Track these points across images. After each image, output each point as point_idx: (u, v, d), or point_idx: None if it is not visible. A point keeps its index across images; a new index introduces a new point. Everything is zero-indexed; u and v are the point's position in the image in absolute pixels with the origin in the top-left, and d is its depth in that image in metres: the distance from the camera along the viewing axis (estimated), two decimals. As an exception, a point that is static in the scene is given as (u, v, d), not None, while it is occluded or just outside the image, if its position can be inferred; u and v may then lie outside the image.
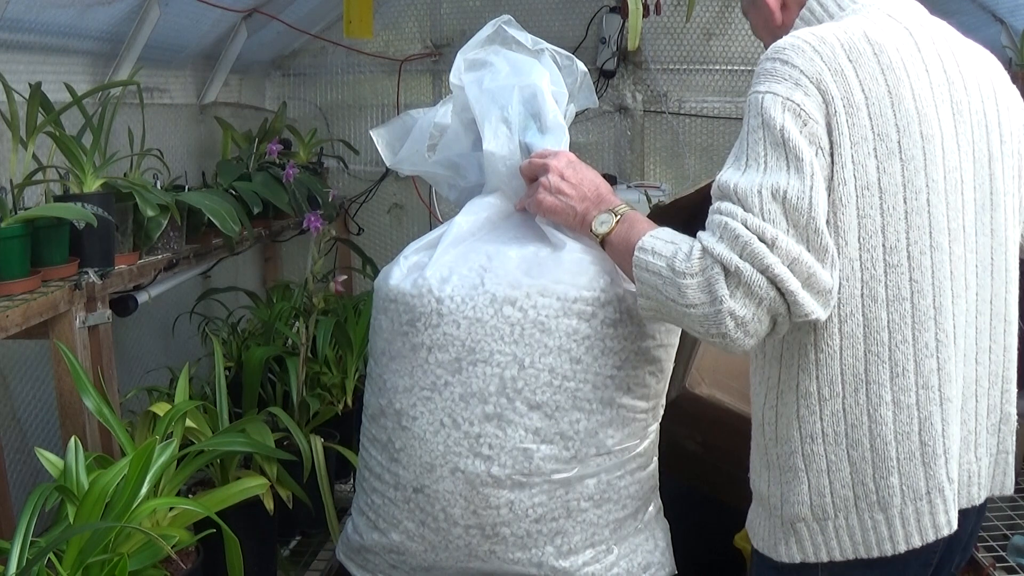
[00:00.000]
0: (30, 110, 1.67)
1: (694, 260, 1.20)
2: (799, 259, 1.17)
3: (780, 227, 1.18)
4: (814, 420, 1.27)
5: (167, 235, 1.99)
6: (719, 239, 1.19)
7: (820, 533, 1.30)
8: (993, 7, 2.76)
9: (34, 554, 1.19)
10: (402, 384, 1.42)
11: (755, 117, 1.23)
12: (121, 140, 1.99)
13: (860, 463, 1.27)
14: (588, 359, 1.40)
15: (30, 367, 1.97)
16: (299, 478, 1.89)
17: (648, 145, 3.51)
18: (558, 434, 1.39)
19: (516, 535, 1.41)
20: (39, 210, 1.58)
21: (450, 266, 1.40)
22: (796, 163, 1.19)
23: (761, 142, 1.21)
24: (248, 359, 2.12)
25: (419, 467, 1.41)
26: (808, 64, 1.23)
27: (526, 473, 1.39)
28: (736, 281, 1.18)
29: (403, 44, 3.47)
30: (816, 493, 1.29)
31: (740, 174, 1.22)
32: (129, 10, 2.14)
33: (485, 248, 1.42)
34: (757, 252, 1.16)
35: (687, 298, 1.21)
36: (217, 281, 2.78)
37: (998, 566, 2.01)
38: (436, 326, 1.38)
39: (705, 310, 1.20)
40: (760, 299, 1.17)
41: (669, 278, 1.23)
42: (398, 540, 1.46)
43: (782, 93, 1.22)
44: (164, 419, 1.61)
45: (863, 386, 1.25)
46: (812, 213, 1.18)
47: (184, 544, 1.48)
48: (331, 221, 2.72)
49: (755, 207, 1.19)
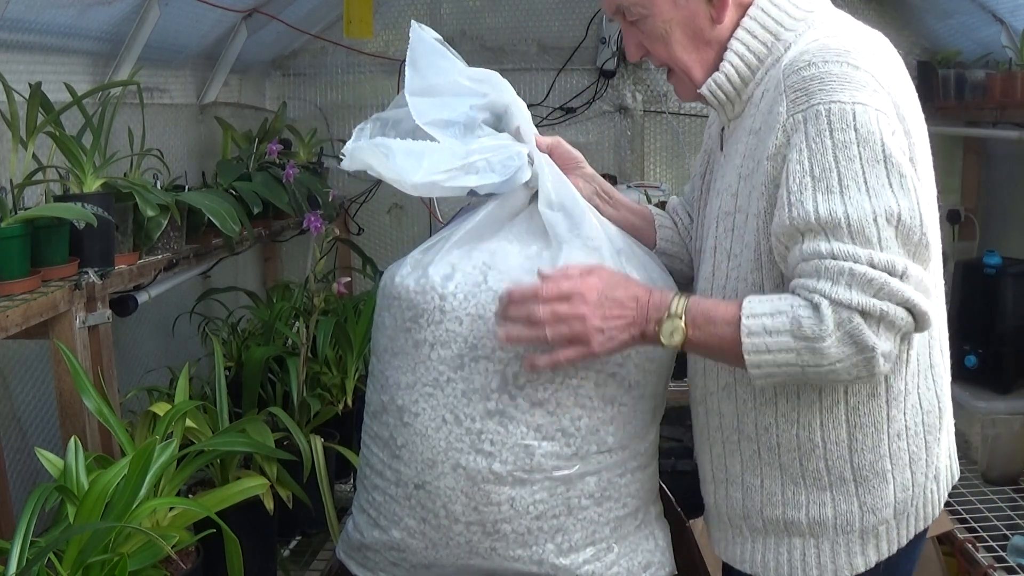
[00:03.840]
0: (30, 110, 1.67)
1: (827, 319, 1.15)
2: (922, 279, 1.17)
3: (900, 253, 1.15)
4: (901, 418, 1.30)
5: (167, 235, 1.99)
6: (848, 287, 1.14)
7: (896, 528, 1.33)
8: (993, 7, 2.76)
9: (34, 554, 1.19)
10: (404, 380, 1.42)
11: (843, 131, 1.15)
12: (121, 140, 1.99)
13: (933, 445, 1.34)
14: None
15: (30, 367, 1.97)
16: (299, 478, 1.89)
17: (648, 145, 3.51)
18: (559, 431, 1.39)
19: (517, 532, 1.40)
20: (39, 210, 1.58)
21: (453, 264, 1.40)
22: (899, 179, 1.15)
23: (857, 159, 1.15)
24: (248, 359, 2.12)
25: (420, 463, 1.40)
26: (876, 67, 1.19)
27: (527, 470, 1.38)
28: (878, 321, 1.15)
29: (403, 44, 3.42)
30: (901, 489, 1.32)
31: (842, 202, 1.15)
32: (129, 10, 2.14)
33: (488, 247, 1.42)
34: (895, 290, 1.14)
35: (830, 357, 1.17)
36: (217, 281, 2.78)
37: (998, 566, 2.01)
38: (439, 323, 1.38)
39: (854, 359, 1.17)
40: (899, 328, 1.17)
41: (804, 347, 1.17)
42: (399, 537, 1.45)
43: (871, 103, 1.15)
44: (164, 419, 1.61)
45: (928, 371, 1.32)
46: (923, 229, 1.17)
47: (184, 544, 1.48)
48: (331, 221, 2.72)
49: (874, 239, 1.14)
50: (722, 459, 1.41)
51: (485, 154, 1.37)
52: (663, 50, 1.34)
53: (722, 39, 1.31)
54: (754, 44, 1.29)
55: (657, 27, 1.32)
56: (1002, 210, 3.22)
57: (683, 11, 1.30)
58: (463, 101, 1.42)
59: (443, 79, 1.42)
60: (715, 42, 1.31)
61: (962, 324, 2.64)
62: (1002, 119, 2.73)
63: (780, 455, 1.33)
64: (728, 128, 1.40)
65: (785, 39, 1.28)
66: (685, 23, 1.31)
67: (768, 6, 1.29)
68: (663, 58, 1.36)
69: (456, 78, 1.43)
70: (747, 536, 1.40)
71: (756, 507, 1.37)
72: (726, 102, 1.35)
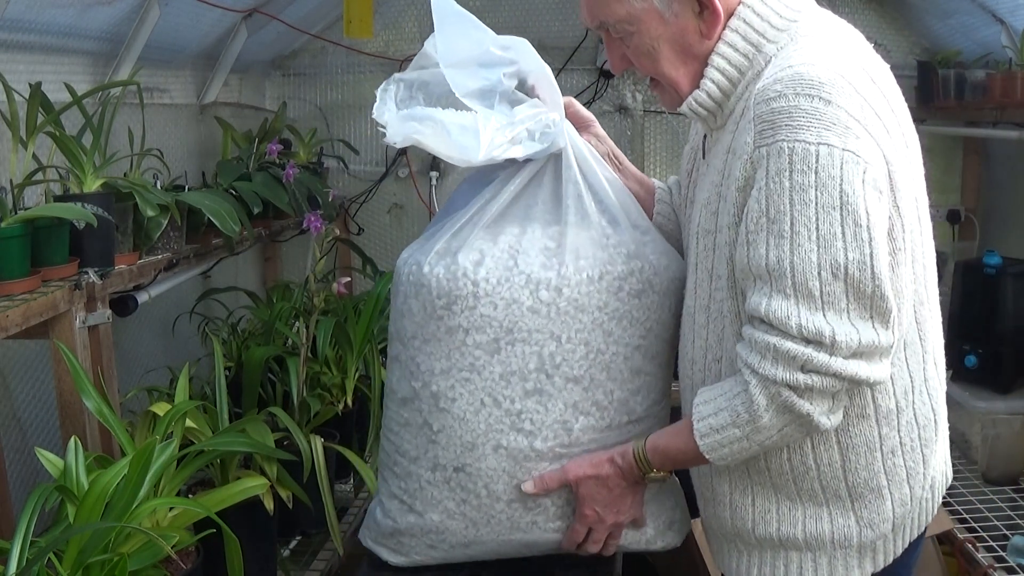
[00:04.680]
0: (30, 110, 1.67)
1: (756, 398, 1.18)
2: (860, 341, 1.14)
3: (839, 307, 1.12)
4: (894, 435, 1.28)
5: (167, 235, 1.99)
6: (774, 363, 1.15)
7: (893, 541, 1.32)
8: (993, 7, 2.76)
9: (34, 554, 1.19)
10: (439, 367, 1.44)
11: (803, 173, 1.10)
12: (121, 140, 1.99)
13: (930, 457, 1.32)
14: (618, 331, 1.43)
15: (30, 367, 1.97)
16: (299, 478, 1.89)
17: (648, 145, 3.51)
18: (594, 405, 1.44)
19: (556, 505, 1.46)
20: (39, 210, 1.58)
21: (481, 249, 1.42)
22: (854, 228, 1.11)
23: (812, 204, 1.11)
24: (248, 359, 2.12)
25: (460, 447, 1.44)
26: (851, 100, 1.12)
27: (566, 445, 1.44)
28: (805, 392, 1.16)
29: (403, 44, 3.47)
30: (899, 504, 1.30)
31: (790, 250, 1.12)
32: (129, 10, 2.14)
33: (512, 229, 1.45)
34: (820, 364, 1.14)
35: (773, 428, 1.20)
36: (217, 281, 2.78)
37: (998, 566, 2.01)
38: (472, 308, 1.40)
39: (794, 425, 1.20)
40: (835, 392, 1.17)
41: (748, 431, 1.21)
42: (437, 520, 1.49)
43: (838, 144, 1.10)
44: (164, 419, 1.61)
45: (923, 386, 1.29)
46: (876, 282, 1.13)
47: (184, 544, 1.48)
48: (331, 221, 2.72)
49: (816, 293, 1.12)
50: (708, 479, 1.41)
51: (526, 124, 1.39)
52: (649, 65, 1.32)
53: (709, 51, 1.27)
54: (736, 57, 1.25)
55: (644, 44, 1.28)
56: (1002, 210, 3.22)
57: (672, 28, 1.26)
58: (495, 71, 1.43)
59: (476, 48, 1.43)
60: (703, 55, 1.28)
61: (962, 324, 2.64)
62: (1002, 119, 2.73)
63: (771, 477, 1.31)
64: (711, 137, 1.37)
65: (767, 51, 1.24)
66: (674, 39, 1.27)
67: (750, 16, 1.24)
68: (649, 72, 1.34)
69: (488, 47, 1.44)
70: (741, 550, 1.39)
71: (747, 526, 1.35)
72: (708, 116, 1.32)
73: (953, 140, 3.33)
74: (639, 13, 1.25)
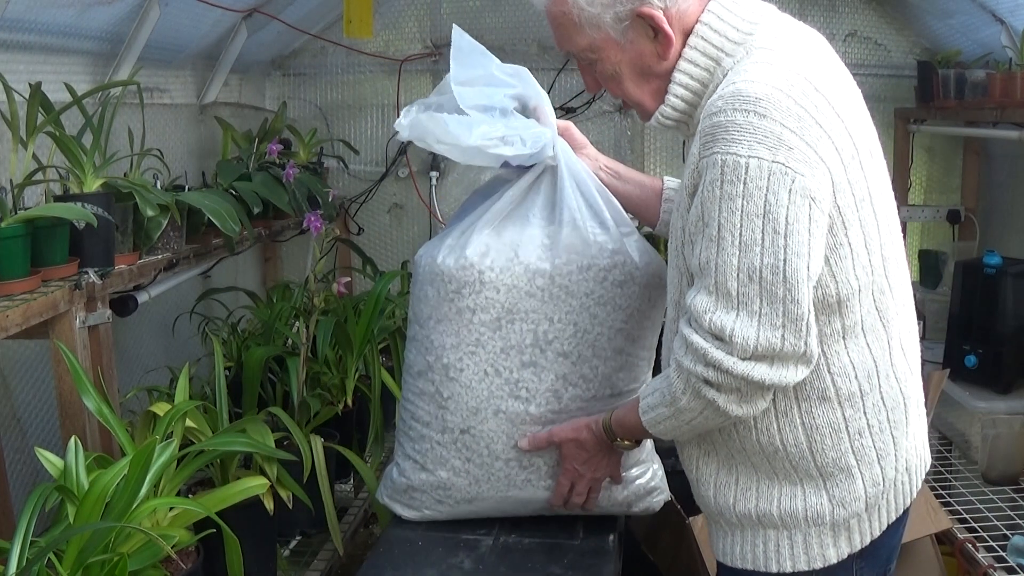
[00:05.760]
0: (30, 110, 1.67)
1: (674, 383, 1.31)
2: (758, 344, 1.22)
3: (752, 309, 1.21)
4: (860, 417, 1.33)
5: (167, 235, 1.99)
6: (686, 354, 1.28)
7: (868, 521, 1.36)
8: (993, 7, 2.76)
9: (34, 554, 1.19)
10: (449, 342, 1.65)
11: (732, 184, 1.19)
12: (121, 140, 1.99)
13: (901, 439, 1.37)
14: (603, 314, 1.64)
15: (30, 367, 1.97)
16: (299, 478, 1.89)
17: (648, 145, 3.52)
18: (581, 377, 1.65)
19: (548, 464, 1.67)
20: (39, 210, 1.58)
21: (486, 243, 1.63)
22: (772, 236, 1.19)
23: (738, 212, 1.20)
24: (248, 359, 2.12)
25: (466, 411, 1.65)
26: (788, 114, 1.19)
27: (556, 411, 1.65)
28: (717, 384, 1.25)
29: (403, 44, 3.48)
30: (871, 484, 1.35)
31: (716, 252, 1.22)
32: (129, 10, 2.14)
33: (514, 228, 1.65)
34: (714, 359, 1.23)
35: (692, 410, 1.31)
36: (217, 281, 2.79)
37: (998, 566, 2.01)
38: (479, 292, 1.62)
39: (708, 411, 1.29)
40: (739, 389, 1.25)
41: (673, 411, 1.34)
42: (445, 477, 1.69)
43: (767, 157, 1.18)
44: (164, 419, 1.62)
45: (890, 370, 1.34)
46: (787, 285, 1.20)
47: (184, 544, 1.48)
48: (331, 221, 2.72)
49: (733, 293, 1.21)
50: (693, 460, 1.47)
51: (519, 131, 1.59)
52: (615, 87, 1.43)
53: (670, 69, 1.36)
54: (697, 72, 1.34)
55: (607, 69, 1.39)
56: (1002, 210, 3.22)
57: (629, 53, 1.36)
58: (498, 91, 1.64)
59: (482, 72, 1.65)
60: (664, 74, 1.36)
61: (962, 324, 2.64)
62: (1002, 119, 2.73)
63: (749, 456, 1.38)
64: (688, 142, 1.43)
65: (725, 65, 1.31)
66: (632, 63, 1.37)
67: (708, 33, 1.32)
68: (616, 94, 1.45)
69: (493, 71, 1.66)
70: (725, 529, 1.45)
71: (729, 503, 1.41)
72: (678, 126, 1.42)
73: (953, 140, 3.33)
74: (598, 42, 1.36)
